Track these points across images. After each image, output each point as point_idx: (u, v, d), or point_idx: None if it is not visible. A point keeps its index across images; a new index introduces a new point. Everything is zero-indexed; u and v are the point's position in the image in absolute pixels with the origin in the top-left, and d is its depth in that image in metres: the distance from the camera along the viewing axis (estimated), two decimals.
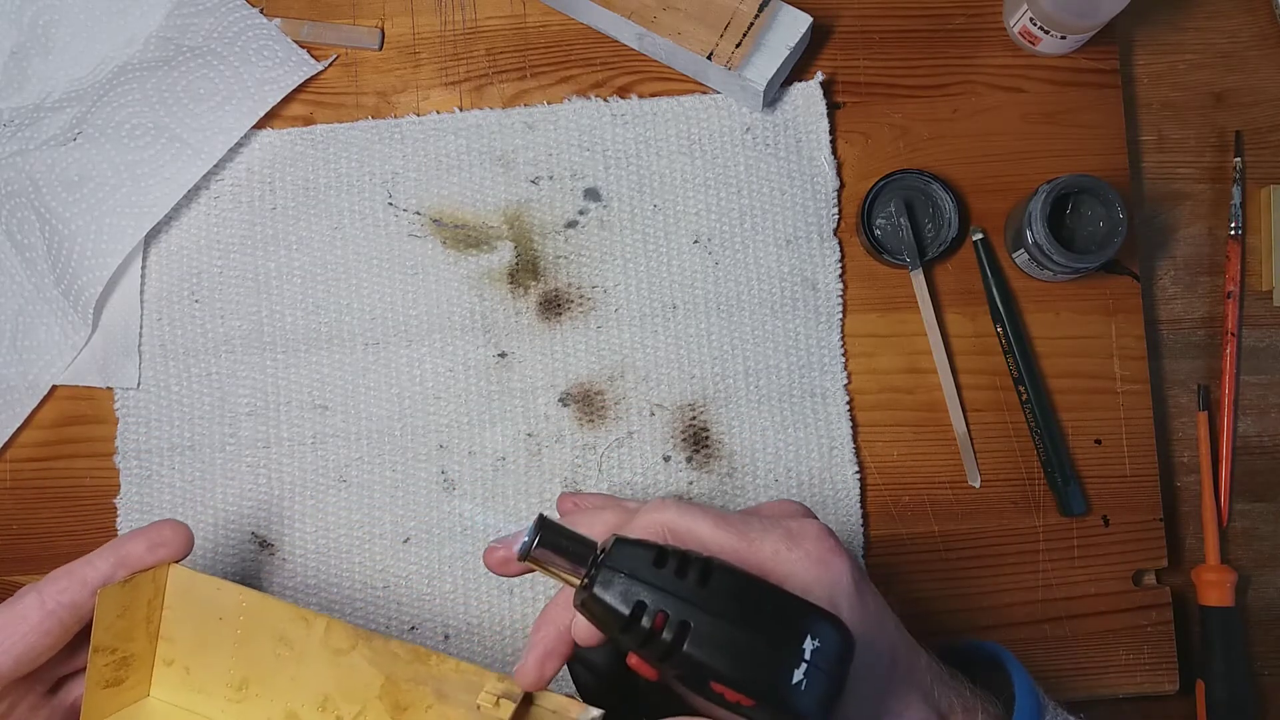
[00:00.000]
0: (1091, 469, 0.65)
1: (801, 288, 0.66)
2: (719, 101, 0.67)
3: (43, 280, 0.65)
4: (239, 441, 0.65)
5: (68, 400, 0.66)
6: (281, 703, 0.48)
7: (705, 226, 0.66)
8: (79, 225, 0.64)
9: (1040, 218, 0.60)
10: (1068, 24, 0.62)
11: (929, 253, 0.65)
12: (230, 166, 0.67)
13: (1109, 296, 0.66)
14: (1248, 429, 0.67)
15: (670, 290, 0.66)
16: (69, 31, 0.68)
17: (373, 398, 0.65)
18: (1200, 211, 0.68)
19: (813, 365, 0.65)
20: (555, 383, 0.65)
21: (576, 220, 0.66)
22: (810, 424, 0.65)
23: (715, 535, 0.40)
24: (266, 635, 0.47)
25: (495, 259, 0.66)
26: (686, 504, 0.41)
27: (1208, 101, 0.69)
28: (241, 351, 0.66)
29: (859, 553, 0.64)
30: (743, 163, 0.66)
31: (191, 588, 0.46)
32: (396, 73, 0.68)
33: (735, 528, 0.40)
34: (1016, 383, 0.65)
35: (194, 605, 0.46)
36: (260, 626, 0.47)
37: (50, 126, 0.67)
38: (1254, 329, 0.68)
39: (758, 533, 0.40)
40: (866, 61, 0.67)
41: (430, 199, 0.66)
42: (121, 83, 0.66)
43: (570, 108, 0.67)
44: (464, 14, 0.68)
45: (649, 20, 0.64)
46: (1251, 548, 0.67)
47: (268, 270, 0.66)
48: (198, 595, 0.46)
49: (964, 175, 0.66)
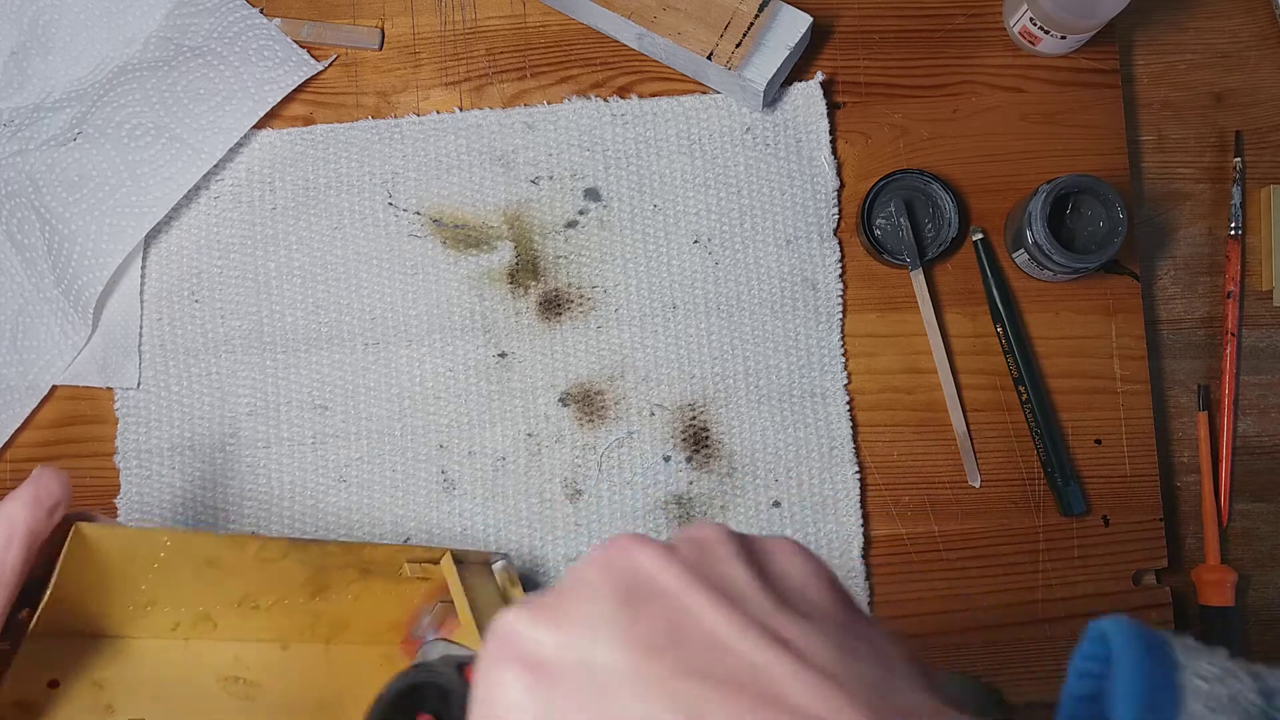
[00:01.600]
0: (1091, 469, 0.65)
1: (801, 288, 0.66)
2: (719, 101, 0.67)
3: (43, 280, 0.65)
4: (239, 441, 0.65)
5: (68, 400, 0.66)
6: (193, 607, 0.47)
7: (705, 226, 0.66)
8: (79, 225, 0.64)
9: (1040, 218, 0.60)
10: (1068, 24, 0.62)
11: (929, 253, 0.65)
12: (230, 166, 0.67)
13: (1109, 296, 0.66)
14: (1248, 429, 0.67)
15: (670, 290, 0.66)
16: (69, 31, 0.68)
17: (373, 398, 0.65)
18: (1200, 211, 0.68)
19: (813, 365, 0.65)
20: (555, 383, 0.65)
21: (576, 220, 0.66)
22: (810, 424, 0.65)
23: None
24: (190, 562, 0.46)
25: (495, 259, 0.66)
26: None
27: (1208, 101, 0.69)
28: (241, 351, 0.66)
29: (859, 552, 0.64)
30: (743, 163, 0.66)
31: (101, 539, 0.43)
32: (396, 73, 0.68)
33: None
34: (1016, 383, 0.65)
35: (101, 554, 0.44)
36: (182, 558, 0.45)
37: (50, 126, 0.67)
38: (1254, 329, 0.68)
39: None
40: (866, 61, 0.67)
41: (430, 199, 0.66)
42: (121, 83, 0.66)
43: (570, 108, 0.67)
44: (464, 14, 0.68)
45: (649, 20, 0.64)
46: (1251, 548, 0.67)
47: (268, 270, 0.66)
48: (108, 546, 0.44)
49: (964, 175, 0.66)
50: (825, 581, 0.29)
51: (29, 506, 0.41)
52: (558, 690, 0.26)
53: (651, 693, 0.25)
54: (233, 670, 0.48)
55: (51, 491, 0.41)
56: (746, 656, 0.25)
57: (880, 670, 0.26)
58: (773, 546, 0.29)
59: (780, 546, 0.29)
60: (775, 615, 0.26)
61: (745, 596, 0.27)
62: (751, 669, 0.25)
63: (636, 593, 0.27)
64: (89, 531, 0.42)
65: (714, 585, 0.27)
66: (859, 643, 0.26)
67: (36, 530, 0.41)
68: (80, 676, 0.45)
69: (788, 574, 0.28)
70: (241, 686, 0.48)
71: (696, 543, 0.28)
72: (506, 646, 0.27)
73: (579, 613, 0.27)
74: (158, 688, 0.46)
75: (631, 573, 0.27)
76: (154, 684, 0.46)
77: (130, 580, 0.45)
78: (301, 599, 0.50)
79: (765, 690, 0.24)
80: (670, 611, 0.26)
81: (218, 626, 0.49)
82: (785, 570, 0.28)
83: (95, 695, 0.45)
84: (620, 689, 0.25)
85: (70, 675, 0.45)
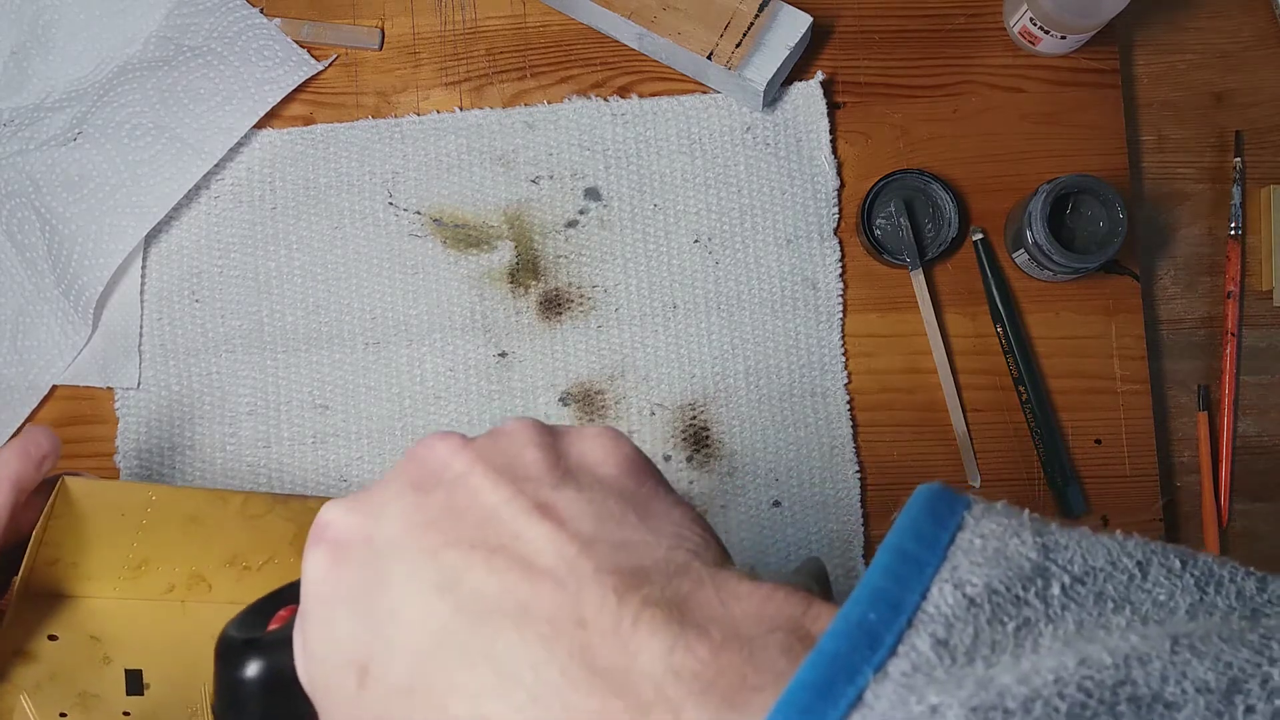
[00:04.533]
0: (1091, 469, 0.65)
1: (801, 287, 0.66)
2: (719, 101, 0.67)
3: (43, 280, 0.65)
4: (239, 441, 0.65)
5: (68, 400, 0.66)
6: (186, 567, 0.48)
7: (705, 226, 0.66)
8: (79, 225, 0.64)
9: (1040, 218, 0.60)
10: (1068, 24, 0.62)
11: (929, 253, 0.65)
12: (230, 166, 0.67)
13: (1109, 296, 0.66)
14: (1248, 429, 0.67)
15: (670, 290, 0.66)
16: (69, 31, 0.68)
17: (373, 397, 0.65)
18: (1200, 211, 0.68)
19: (813, 365, 0.65)
20: (555, 382, 0.65)
21: (577, 220, 0.66)
22: (810, 424, 0.65)
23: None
24: (176, 519, 0.46)
25: (495, 259, 0.66)
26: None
27: (1208, 101, 0.69)
28: (242, 351, 0.66)
29: (859, 552, 0.64)
30: (743, 162, 0.66)
31: (88, 494, 0.44)
32: (396, 73, 0.68)
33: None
34: (1016, 383, 0.65)
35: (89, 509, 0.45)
36: (169, 514, 0.46)
37: (50, 126, 0.67)
38: (1254, 329, 0.68)
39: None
40: (866, 61, 0.67)
41: (430, 199, 0.66)
42: (122, 82, 0.66)
43: (570, 107, 0.67)
44: (464, 14, 0.68)
45: (649, 20, 0.64)
46: (1251, 548, 0.67)
47: (268, 270, 0.66)
48: (95, 500, 0.44)
49: (964, 175, 0.66)
50: (621, 458, 0.30)
51: (18, 456, 0.43)
52: (345, 565, 0.28)
53: (419, 560, 0.27)
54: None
55: (40, 445, 0.44)
56: (511, 526, 0.27)
57: (648, 536, 0.27)
58: (579, 433, 0.31)
59: (588, 433, 0.31)
60: (551, 491, 0.28)
61: (529, 476, 0.29)
62: (514, 537, 0.27)
63: (428, 479, 0.29)
64: (74, 485, 0.43)
65: (499, 468, 0.29)
66: (634, 514, 0.28)
67: (24, 477, 0.43)
68: (77, 631, 0.46)
69: (584, 454, 0.30)
70: None
71: (497, 433, 0.30)
72: (318, 530, 0.30)
73: (376, 498, 0.29)
74: (154, 643, 0.47)
75: (429, 462, 0.30)
76: (150, 640, 0.47)
77: (120, 538, 0.46)
78: (292, 558, 0.50)
79: (520, 554, 0.26)
80: (454, 492, 0.29)
81: (213, 589, 0.49)
82: (582, 451, 0.30)
83: (92, 648, 0.46)
84: (391, 558, 0.28)
85: (68, 631, 0.46)
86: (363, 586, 0.28)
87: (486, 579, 0.26)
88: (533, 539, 0.27)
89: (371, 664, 0.27)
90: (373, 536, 0.28)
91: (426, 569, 0.27)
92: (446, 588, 0.26)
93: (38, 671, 0.44)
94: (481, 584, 0.26)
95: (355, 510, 0.29)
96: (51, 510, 0.43)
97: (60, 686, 0.45)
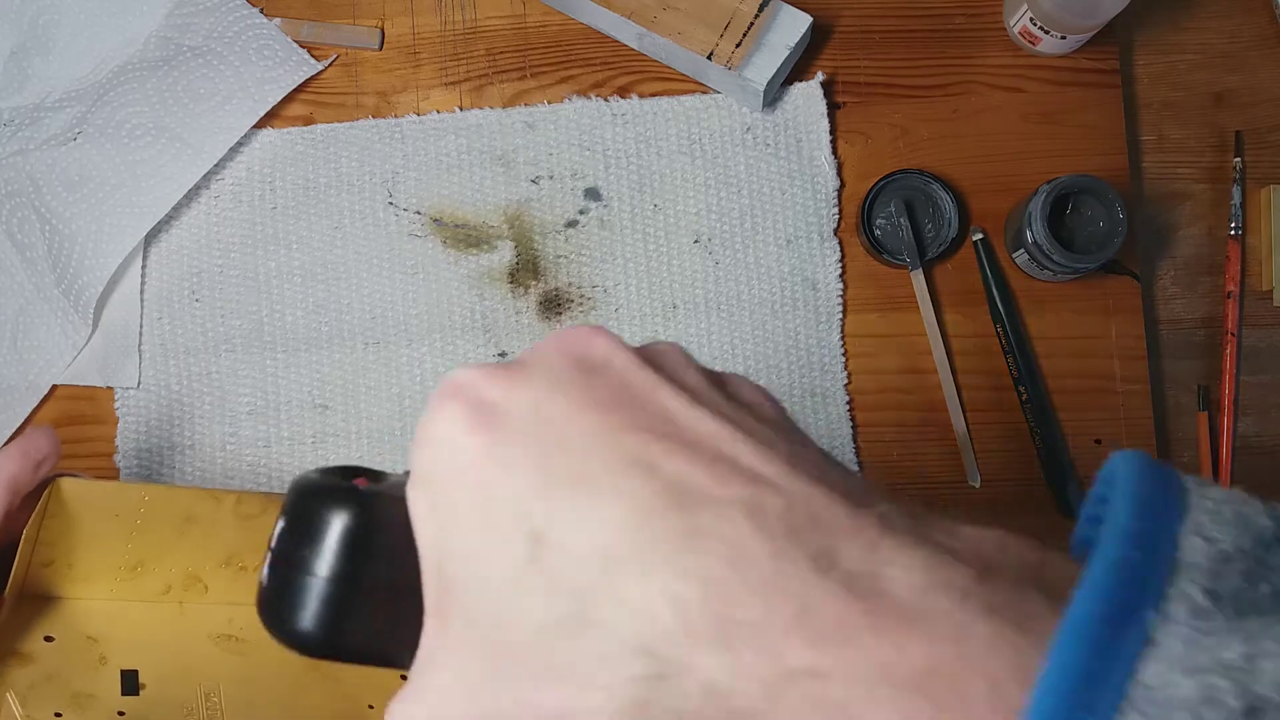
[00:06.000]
0: (1091, 469, 0.65)
1: (801, 288, 0.66)
2: (719, 101, 0.67)
3: (43, 280, 0.65)
4: (239, 441, 0.65)
5: (68, 400, 0.66)
6: (181, 568, 0.48)
7: (705, 226, 0.66)
8: (79, 225, 0.64)
9: (1040, 218, 0.60)
10: (1068, 24, 0.62)
11: (929, 253, 0.65)
12: (230, 166, 0.67)
13: (1109, 296, 0.66)
14: (1248, 429, 0.67)
15: (670, 290, 0.66)
16: (69, 31, 0.68)
17: (373, 397, 0.65)
18: (1200, 211, 0.68)
19: (813, 365, 0.65)
20: None
21: (577, 220, 0.66)
22: (810, 424, 0.65)
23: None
24: (170, 519, 0.46)
25: (495, 259, 0.66)
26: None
27: (1208, 101, 0.69)
28: (242, 351, 0.66)
29: None
30: (743, 163, 0.66)
31: (81, 496, 0.44)
32: (396, 73, 0.68)
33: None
34: (1016, 383, 0.65)
35: (83, 510, 0.45)
36: (163, 514, 0.46)
37: (50, 126, 0.67)
38: (1254, 329, 0.67)
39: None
40: (866, 61, 0.67)
41: (430, 199, 0.66)
42: (121, 82, 0.66)
43: (570, 107, 0.67)
44: (464, 14, 0.68)
45: (649, 20, 0.64)
46: None
47: (268, 270, 0.66)
48: (88, 501, 0.44)
49: (964, 175, 0.66)
50: (776, 406, 0.28)
51: (15, 457, 0.43)
52: (500, 429, 0.25)
53: (603, 439, 0.24)
54: (225, 630, 0.49)
55: (39, 446, 0.43)
56: (698, 428, 0.25)
57: (842, 472, 0.25)
58: (728, 374, 0.28)
59: (735, 375, 0.28)
60: (729, 409, 0.26)
61: (698, 390, 0.26)
62: (710, 436, 0.24)
63: (593, 366, 0.26)
64: (68, 486, 0.43)
65: (667, 375, 0.26)
66: (808, 451, 0.26)
67: (20, 478, 0.43)
68: (74, 631, 0.46)
69: (740, 391, 0.28)
70: (234, 644, 0.49)
71: (653, 348, 0.28)
72: (451, 389, 0.26)
73: (534, 373, 0.26)
74: (150, 643, 0.47)
75: (588, 350, 0.26)
76: (146, 640, 0.47)
77: (115, 539, 0.46)
78: None
79: (718, 450, 0.24)
80: (627, 382, 0.26)
81: (209, 590, 0.49)
82: (738, 387, 0.28)
83: (89, 648, 0.46)
84: (569, 432, 0.24)
85: (65, 632, 0.46)
86: (537, 450, 0.24)
87: (689, 470, 0.23)
88: (729, 443, 0.24)
89: (551, 531, 0.24)
90: (539, 407, 0.25)
91: (618, 446, 0.24)
92: (646, 469, 0.23)
93: (34, 672, 0.44)
94: (685, 473, 0.23)
95: (509, 381, 0.26)
96: (44, 511, 0.43)
97: (56, 687, 0.45)
